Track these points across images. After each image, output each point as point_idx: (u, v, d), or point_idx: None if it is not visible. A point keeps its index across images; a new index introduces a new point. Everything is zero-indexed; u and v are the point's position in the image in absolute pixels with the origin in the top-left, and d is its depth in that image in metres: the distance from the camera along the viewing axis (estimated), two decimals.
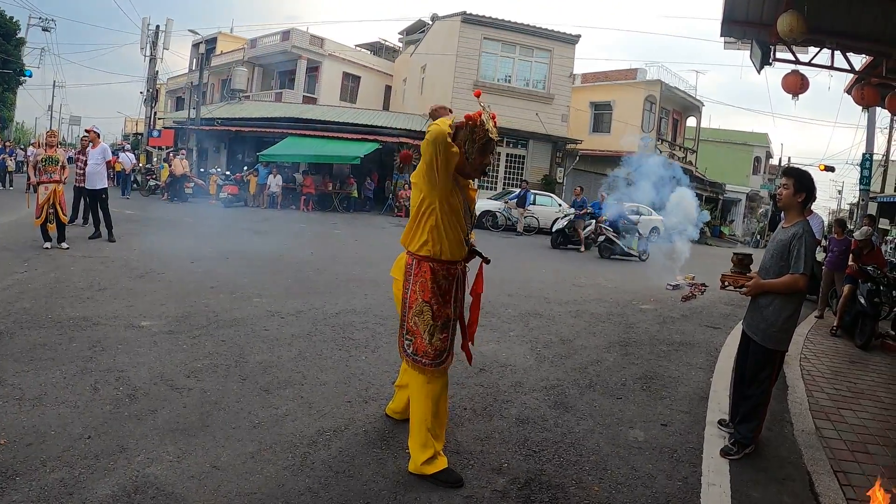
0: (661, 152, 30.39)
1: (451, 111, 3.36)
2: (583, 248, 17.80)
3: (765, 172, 42.75)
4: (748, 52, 8.67)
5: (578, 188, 19.86)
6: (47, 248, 9.79)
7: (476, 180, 3.64)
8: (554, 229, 18.66)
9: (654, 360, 6.30)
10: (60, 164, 10.18)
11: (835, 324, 8.70)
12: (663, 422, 4.58)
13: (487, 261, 3.69)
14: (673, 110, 35.02)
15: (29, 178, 10.50)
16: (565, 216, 18.81)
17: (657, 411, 4.80)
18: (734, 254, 5.04)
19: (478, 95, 3.34)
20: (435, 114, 3.36)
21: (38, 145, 10.69)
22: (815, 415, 4.96)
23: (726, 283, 4.74)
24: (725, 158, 41.11)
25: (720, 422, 4.59)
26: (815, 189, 4.16)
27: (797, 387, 5.68)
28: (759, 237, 33.38)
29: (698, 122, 37.92)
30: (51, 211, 9.95)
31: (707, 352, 6.85)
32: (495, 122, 3.45)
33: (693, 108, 36.89)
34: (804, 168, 4.31)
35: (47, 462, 3.26)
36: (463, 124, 3.38)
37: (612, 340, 7.00)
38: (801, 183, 4.10)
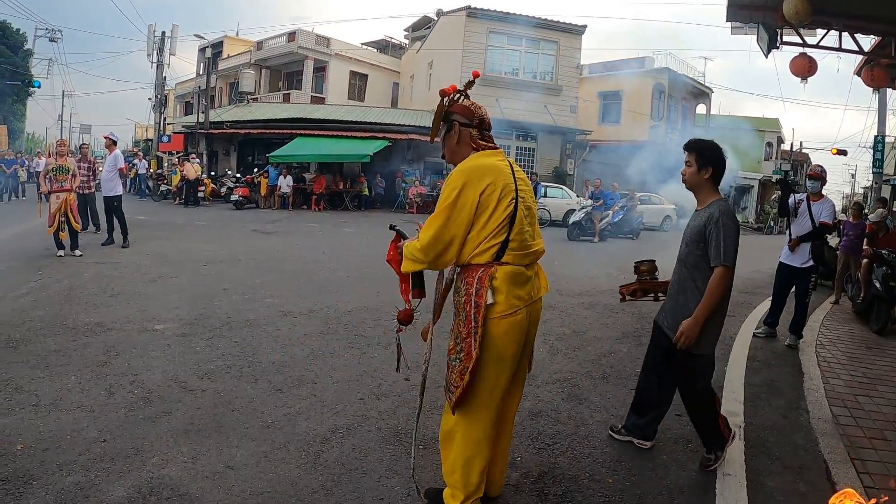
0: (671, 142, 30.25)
1: (461, 91, 3.02)
2: (597, 239, 17.80)
3: (777, 158, 42.35)
4: (755, 37, 8.60)
5: (598, 180, 19.82)
6: (60, 255, 9.87)
7: None
8: (571, 221, 18.68)
9: None
10: (71, 172, 10.26)
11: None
12: (677, 412, 4.52)
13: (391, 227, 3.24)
14: (682, 98, 34.79)
15: (40, 188, 10.61)
16: (582, 208, 18.83)
17: (672, 401, 4.77)
18: (636, 263, 4.80)
19: (476, 76, 3.10)
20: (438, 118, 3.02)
21: (49, 155, 10.75)
22: (831, 402, 4.91)
23: (627, 297, 4.50)
24: (736, 145, 40.78)
25: (611, 428, 4.12)
26: (722, 160, 3.60)
27: (813, 374, 5.63)
28: (772, 224, 33.12)
29: (708, 109, 37.68)
30: (62, 220, 10.01)
31: (721, 340, 6.76)
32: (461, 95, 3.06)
33: (702, 95, 36.65)
34: (707, 141, 3.63)
35: (63, 466, 3.29)
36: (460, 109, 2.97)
37: (625, 331, 6.98)
38: (703, 157, 3.55)
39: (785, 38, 8.25)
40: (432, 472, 3.39)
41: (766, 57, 8.37)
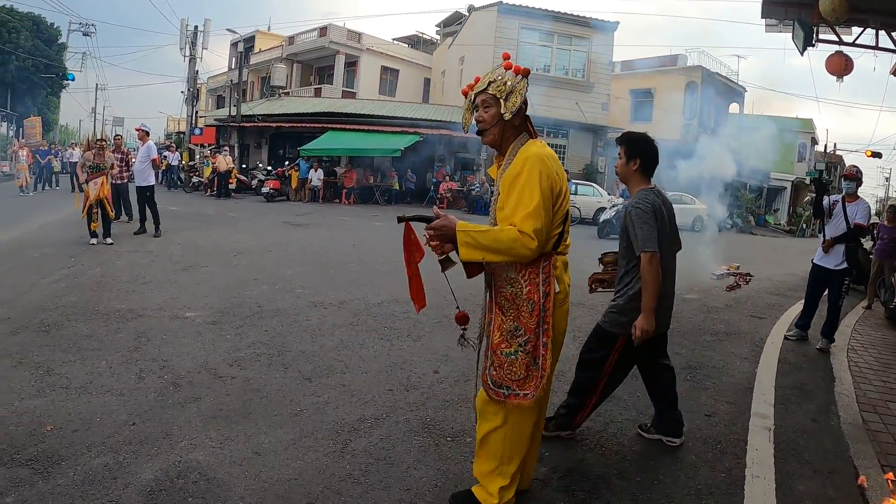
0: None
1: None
2: None
3: (810, 159, 41.65)
4: (790, 35, 8.48)
5: None
6: (93, 244, 10.07)
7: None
8: (601, 219, 18.57)
9: (697, 350, 6.22)
10: (105, 169, 10.49)
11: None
12: (707, 412, 4.53)
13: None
14: (715, 96, 34.37)
15: (77, 178, 10.80)
16: (613, 206, 18.73)
17: (700, 402, 4.74)
18: (603, 254, 4.79)
19: (507, 57, 2.99)
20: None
21: (87, 148, 10.93)
22: (861, 407, 4.83)
23: (595, 286, 4.51)
24: (769, 145, 40.09)
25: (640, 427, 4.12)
26: (650, 151, 3.74)
27: (844, 378, 5.55)
28: (804, 226, 32.60)
29: (741, 108, 37.16)
30: (95, 210, 10.22)
31: (752, 342, 6.74)
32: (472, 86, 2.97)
33: (735, 93, 36.14)
34: (637, 134, 3.79)
35: (92, 447, 3.37)
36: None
37: None
38: (631, 148, 3.72)
39: (821, 36, 8.12)
40: (461, 464, 3.41)
41: (802, 55, 8.24)
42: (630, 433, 4.05)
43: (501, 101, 2.79)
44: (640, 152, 3.71)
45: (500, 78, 2.83)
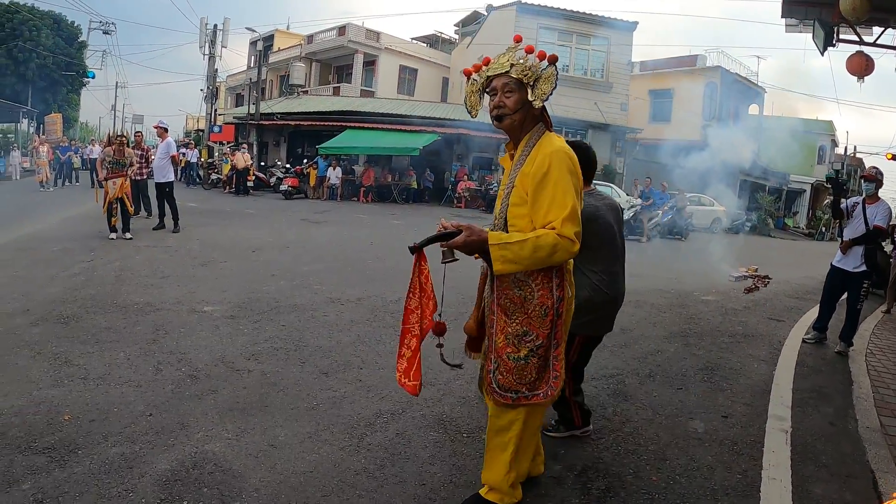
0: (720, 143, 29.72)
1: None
2: (644, 239, 17.62)
3: (830, 162, 41.17)
4: (810, 35, 8.42)
5: (647, 179, 19.59)
6: (112, 238, 10.19)
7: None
8: None
9: (715, 352, 6.19)
10: (128, 164, 10.65)
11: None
12: (724, 413, 4.51)
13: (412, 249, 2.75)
14: (734, 97, 34.10)
15: (97, 175, 10.91)
16: (631, 207, 18.70)
17: (718, 403, 4.72)
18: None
19: (519, 40, 2.83)
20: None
21: (106, 145, 11.07)
22: (880, 411, 4.78)
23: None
24: (789, 147, 39.70)
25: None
26: (588, 158, 3.74)
27: (862, 382, 5.50)
28: (824, 230, 32.25)
29: (760, 109, 36.83)
30: (115, 206, 10.34)
31: (770, 344, 6.69)
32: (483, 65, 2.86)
33: (755, 94, 35.83)
34: (576, 142, 3.65)
35: (109, 437, 3.42)
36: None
37: (672, 331, 6.91)
38: None
39: (841, 36, 8.05)
40: (476, 460, 3.41)
41: (822, 55, 8.18)
42: (646, 433, 4.03)
43: (528, 87, 2.68)
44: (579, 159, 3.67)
45: (522, 61, 2.69)
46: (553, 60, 2.71)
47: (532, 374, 2.70)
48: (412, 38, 40.66)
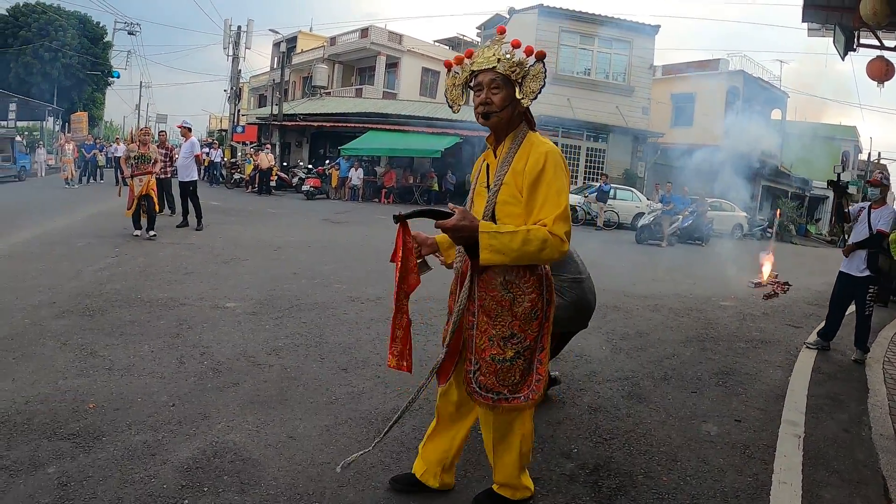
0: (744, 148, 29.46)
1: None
2: (665, 244, 17.58)
3: (854, 168, 40.63)
4: (832, 39, 8.39)
5: (668, 184, 19.55)
6: (137, 235, 10.35)
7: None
8: (639, 225, 18.53)
9: (731, 357, 6.20)
10: (153, 161, 10.68)
11: None
12: (737, 417, 4.54)
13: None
14: (756, 101, 33.82)
15: (122, 172, 11.01)
16: (651, 212, 18.67)
17: (731, 407, 4.75)
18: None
19: (502, 31, 2.72)
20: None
21: (130, 142, 11.25)
22: (895, 419, 4.79)
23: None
24: (812, 153, 39.26)
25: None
26: None
27: (878, 390, 5.50)
28: (847, 237, 31.88)
29: (783, 114, 36.47)
30: (143, 203, 10.40)
31: (786, 350, 6.69)
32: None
33: (777, 99, 35.49)
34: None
35: (133, 425, 3.54)
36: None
37: (689, 335, 6.93)
38: None
39: (862, 41, 8.01)
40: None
41: (843, 59, 8.14)
42: (659, 435, 4.08)
43: (517, 84, 2.60)
44: None
45: (509, 57, 2.60)
46: (541, 57, 2.62)
47: (515, 377, 2.66)
48: (434, 41, 40.81)
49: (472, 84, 2.71)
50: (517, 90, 2.59)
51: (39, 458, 3.10)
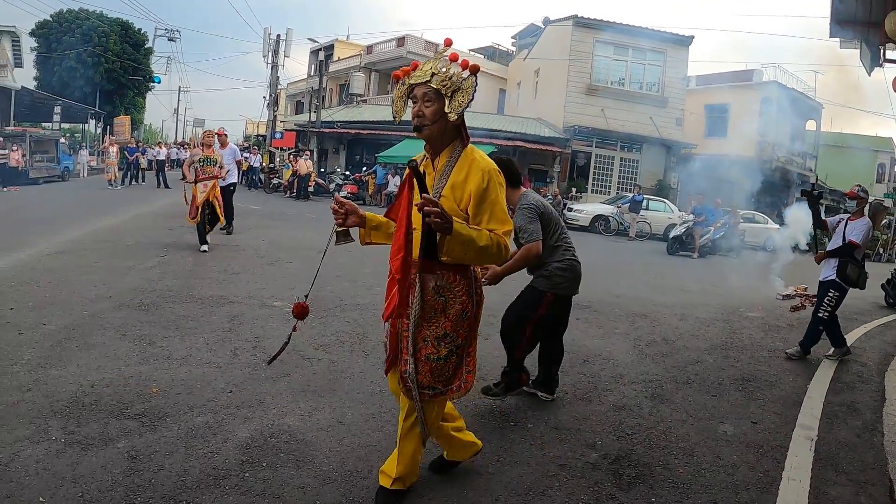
0: (778, 159, 29.31)
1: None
2: (696, 255, 17.67)
3: (890, 181, 39.95)
4: (859, 53, 8.53)
5: (700, 195, 19.62)
6: (205, 251, 9.63)
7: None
8: (671, 236, 18.63)
9: (753, 365, 6.42)
10: (218, 164, 10.14)
11: None
12: (754, 420, 4.77)
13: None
14: (791, 113, 33.53)
15: (184, 177, 10.73)
16: (683, 223, 18.75)
17: (749, 410, 4.98)
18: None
19: (449, 44, 2.82)
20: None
21: (194, 146, 11.47)
22: None
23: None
24: (847, 165, 38.66)
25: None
26: (508, 169, 4.15)
27: (894, 398, 5.67)
28: (881, 251, 31.41)
29: (818, 125, 36.09)
30: (207, 212, 9.83)
31: (808, 360, 6.84)
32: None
33: (812, 110, 35.15)
34: (499, 157, 3.98)
35: (194, 408, 3.91)
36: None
37: (714, 344, 7.16)
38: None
39: (888, 56, 8.13)
40: (521, 445, 3.83)
41: (869, 75, 8.28)
42: (678, 432, 4.35)
43: (447, 98, 2.68)
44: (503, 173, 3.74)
45: (444, 71, 2.69)
46: (474, 70, 2.70)
47: (449, 371, 2.88)
48: (470, 50, 41.11)
49: (410, 96, 2.81)
50: (446, 104, 2.68)
51: (109, 435, 3.46)
